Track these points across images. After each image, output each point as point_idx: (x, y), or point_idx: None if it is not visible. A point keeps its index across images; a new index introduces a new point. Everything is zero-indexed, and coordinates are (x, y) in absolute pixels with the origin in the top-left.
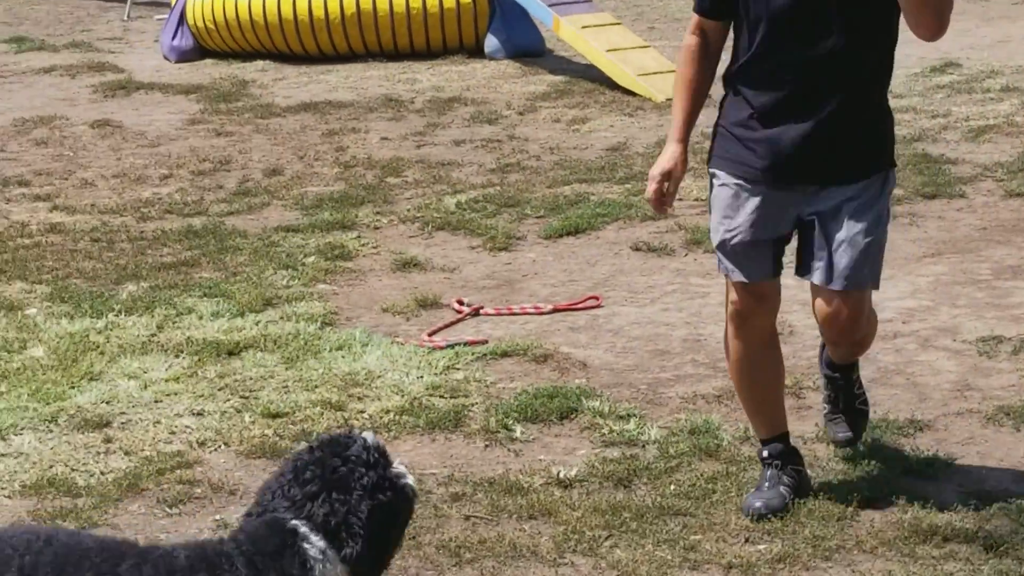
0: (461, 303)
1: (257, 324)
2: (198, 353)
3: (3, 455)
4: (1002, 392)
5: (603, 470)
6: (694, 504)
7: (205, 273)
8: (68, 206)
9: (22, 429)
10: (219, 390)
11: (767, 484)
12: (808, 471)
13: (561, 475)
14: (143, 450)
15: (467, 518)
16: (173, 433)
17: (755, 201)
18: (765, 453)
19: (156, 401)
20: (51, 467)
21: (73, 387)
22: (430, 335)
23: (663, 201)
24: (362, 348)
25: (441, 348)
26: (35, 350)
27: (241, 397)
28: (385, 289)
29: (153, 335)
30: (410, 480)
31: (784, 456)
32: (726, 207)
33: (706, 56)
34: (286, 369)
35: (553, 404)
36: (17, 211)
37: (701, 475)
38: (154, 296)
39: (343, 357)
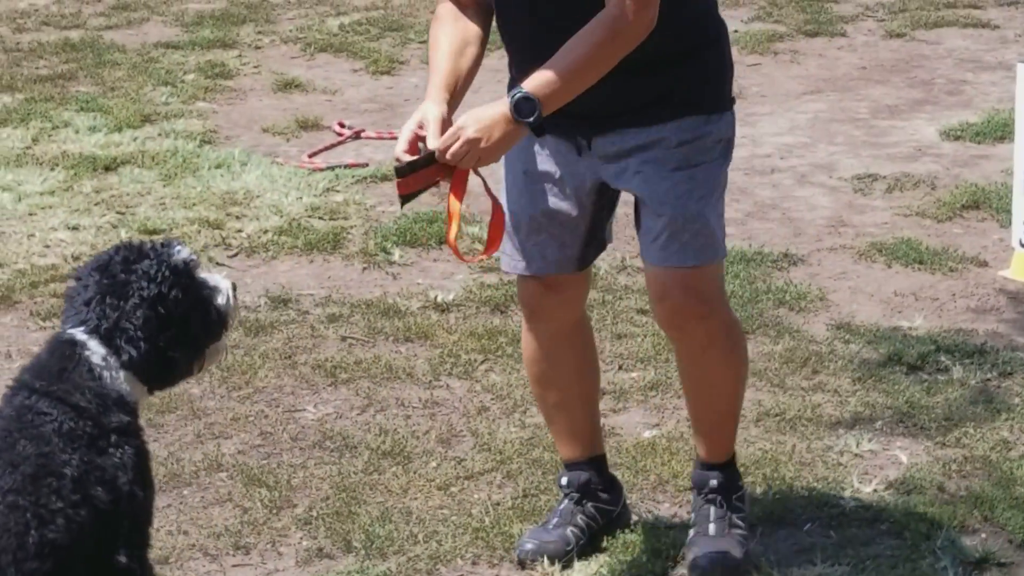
0: (342, 125)
1: (135, 140)
2: (74, 167)
3: None
4: (875, 229)
5: (480, 295)
6: None
7: (82, 87)
8: None
9: None
10: (95, 205)
11: (554, 521)
12: (629, 510)
13: (438, 299)
14: (16, 263)
15: (344, 339)
16: (47, 247)
17: None
18: (564, 480)
19: (31, 214)
20: None
21: None
22: (311, 156)
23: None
24: (241, 167)
25: (321, 170)
26: None
27: (117, 213)
28: (265, 109)
29: (28, 148)
30: (216, 287)
31: (586, 489)
32: None
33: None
34: (164, 186)
35: (432, 229)
36: None
37: None
38: (29, 108)
39: (222, 176)
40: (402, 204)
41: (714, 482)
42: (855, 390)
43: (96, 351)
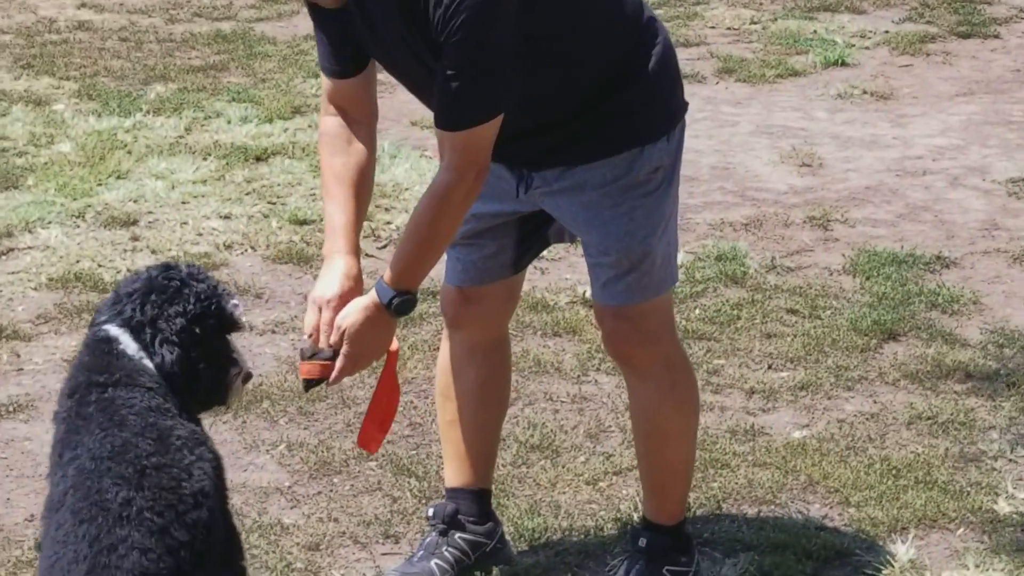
0: None
1: (285, 131)
2: (226, 157)
3: (30, 248)
4: None
5: None
6: (718, 329)
7: (233, 78)
8: (96, 4)
9: (49, 223)
10: (246, 194)
11: (419, 554)
12: (509, 546)
13: (586, 294)
14: (170, 249)
15: None
16: (200, 234)
17: None
18: (430, 511)
19: (183, 202)
20: (77, 262)
21: (101, 184)
22: None
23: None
24: (391, 160)
25: None
26: (63, 145)
27: (268, 203)
28: (414, 103)
29: (181, 137)
30: (236, 360)
31: (454, 521)
32: None
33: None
34: (314, 177)
35: None
36: (45, 6)
37: (726, 301)
38: (182, 98)
39: None
40: (306, 389)
41: (642, 541)
42: (1009, 395)
43: (129, 345)
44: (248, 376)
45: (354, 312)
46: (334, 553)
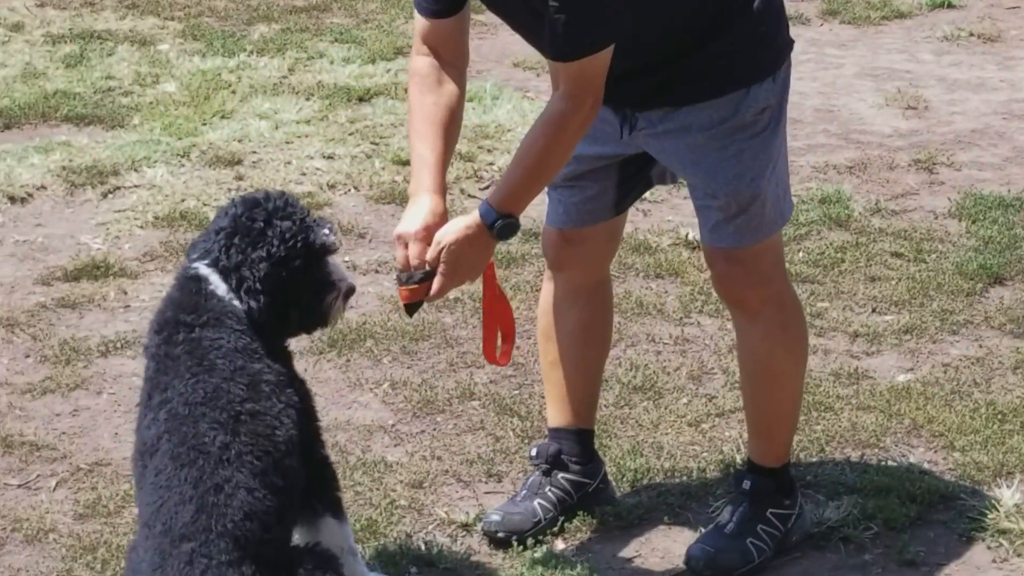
0: None
1: (388, 72)
2: (329, 97)
3: (136, 187)
4: None
5: None
6: (822, 272)
7: (336, 19)
8: None
9: (155, 162)
10: (349, 135)
11: (522, 494)
12: (612, 486)
13: (689, 236)
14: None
15: None
16: (304, 174)
17: None
18: (534, 451)
19: (287, 142)
20: (183, 200)
21: (205, 124)
22: None
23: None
24: (492, 101)
25: None
26: (167, 85)
27: (371, 143)
28: (517, 44)
29: (284, 77)
30: (336, 283)
31: (557, 461)
32: None
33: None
34: None
35: None
36: None
37: (830, 244)
38: (285, 39)
39: (473, 109)
40: (409, 313)
41: (746, 484)
42: None
43: (219, 285)
44: (349, 291)
45: (455, 230)
46: (437, 491)
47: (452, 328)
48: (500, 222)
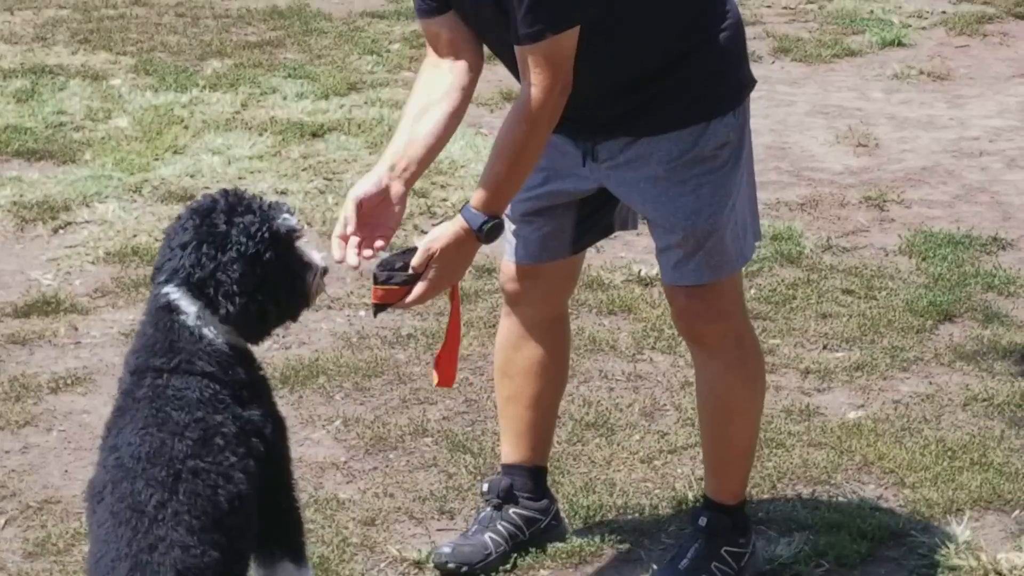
0: None
1: (341, 108)
2: (282, 133)
3: (87, 222)
4: None
5: None
6: (774, 309)
7: (290, 54)
8: None
9: (106, 198)
10: (303, 170)
11: (473, 528)
12: (564, 523)
13: (641, 273)
14: None
15: None
16: None
17: None
18: (485, 487)
19: (240, 178)
20: (135, 236)
21: (157, 159)
22: None
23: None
24: None
25: None
26: (119, 120)
27: (324, 179)
28: None
29: (237, 112)
30: (309, 264)
31: (509, 496)
32: None
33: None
34: (369, 154)
35: None
36: None
37: (782, 281)
38: (238, 74)
39: None
40: (375, 314)
41: (702, 520)
42: None
43: (189, 311)
44: (324, 271)
45: (444, 236)
46: (389, 528)
47: (405, 364)
48: (488, 224)
